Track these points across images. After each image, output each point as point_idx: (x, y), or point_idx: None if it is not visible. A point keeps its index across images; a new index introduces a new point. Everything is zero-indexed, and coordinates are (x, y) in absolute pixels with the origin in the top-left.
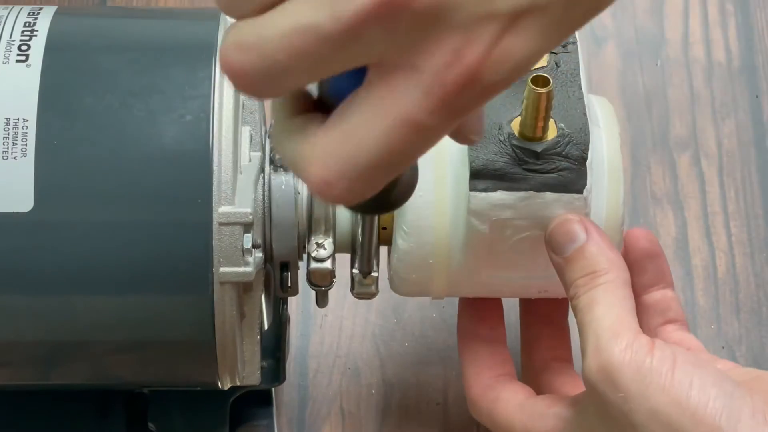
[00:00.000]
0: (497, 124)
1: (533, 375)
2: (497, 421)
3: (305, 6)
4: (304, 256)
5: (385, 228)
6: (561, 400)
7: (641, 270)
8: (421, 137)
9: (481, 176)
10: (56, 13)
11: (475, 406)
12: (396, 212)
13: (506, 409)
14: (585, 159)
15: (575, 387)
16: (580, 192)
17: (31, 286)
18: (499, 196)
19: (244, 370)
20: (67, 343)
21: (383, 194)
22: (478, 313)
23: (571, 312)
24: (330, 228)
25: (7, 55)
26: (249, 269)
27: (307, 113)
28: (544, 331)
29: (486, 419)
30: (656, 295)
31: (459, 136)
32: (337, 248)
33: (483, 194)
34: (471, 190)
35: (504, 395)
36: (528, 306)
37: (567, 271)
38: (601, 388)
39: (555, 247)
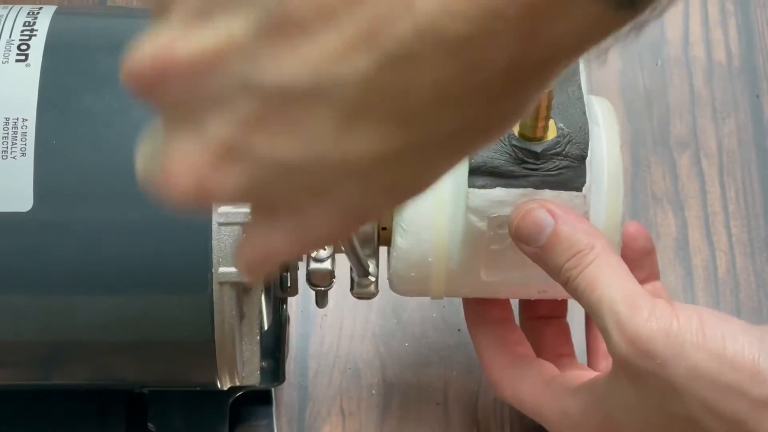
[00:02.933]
0: None
1: None
2: (524, 401)
3: None
4: (304, 257)
5: (384, 228)
6: (589, 376)
7: (638, 267)
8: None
9: (479, 173)
10: (56, 13)
11: (498, 389)
12: (395, 210)
13: (533, 389)
14: (584, 157)
15: (586, 377)
16: (579, 190)
17: (31, 286)
18: (498, 192)
19: (243, 370)
20: (66, 343)
21: None
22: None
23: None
24: None
25: (6, 55)
26: None
27: None
28: (546, 331)
29: (512, 400)
30: (647, 287)
31: None
32: (337, 248)
33: (481, 191)
34: (469, 186)
35: (528, 374)
36: (527, 308)
37: (548, 259)
38: (635, 361)
39: (527, 240)
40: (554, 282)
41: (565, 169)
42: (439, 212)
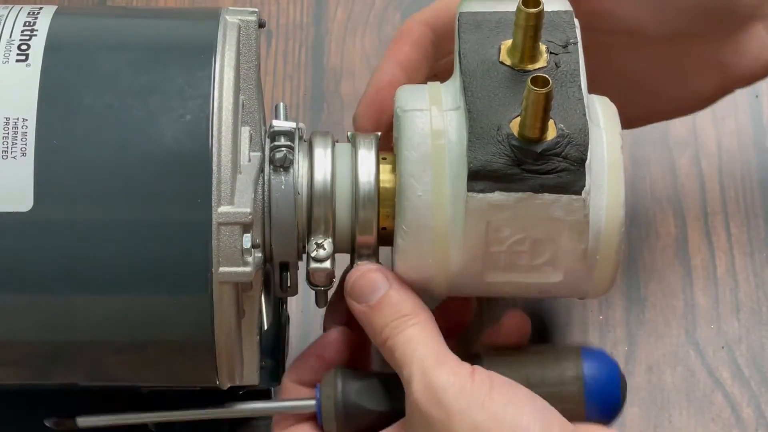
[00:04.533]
0: (496, 124)
1: None
2: None
3: None
4: (304, 257)
5: (384, 228)
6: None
7: None
8: None
9: (479, 177)
10: (56, 13)
11: None
12: (396, 212)
13: None
14: (584, 160)
15: None
16: (579, 193)
17: (31, 286)
18: (497, 197)
19: (243, 369)
20: (66, 343)
21: None
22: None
23: None
24: (329, 228)
25: (7, 55)
26: (248, 269)
27: None
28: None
29: None
30: None
31: None
32: (337, 248)
33: (481, 195)
34: (469, 190)
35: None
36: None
37: (374, 318)
38: (426, 407)
39: (358, 297)
40: (554, 283)
41: (564, 172)
42: (439, 215)
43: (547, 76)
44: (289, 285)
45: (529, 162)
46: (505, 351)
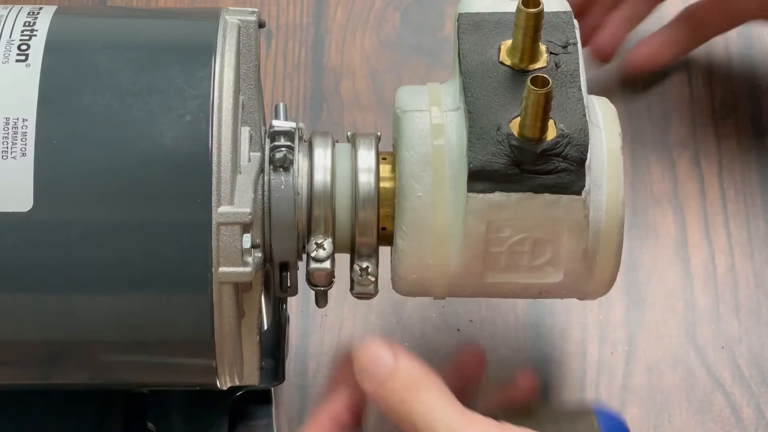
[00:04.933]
0: (496, 124)
1: None
2: None
3: None
4: (304, 257)
5: (384, 228)
6: None
7: None
8: None
9: (479, 177)
10: (56, 13)
11: None
12: (396, 213)
13: None
14: (584, 161)
15: None
16: (579, 193)
17: (31, 286)
18: (497, 197)
19: (243, 369)
20: (66, 343)
21: None
22: None
23: None
24: (329, 228)
25: (6, 55)
26: (248, 269)
27: None
28: None
29: None
30: None
31: None
32: (337, 248)
33: (481, 195)
34: (469, 191)
35: None
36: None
37: (387, 395)
38: None
39: (367, 375)
40: (554, 283)
41: (564, 172)
42: (439, 216)
43: (547, 76)
44: (289, 285)
45: (529, 162)
46: (519, 412)
